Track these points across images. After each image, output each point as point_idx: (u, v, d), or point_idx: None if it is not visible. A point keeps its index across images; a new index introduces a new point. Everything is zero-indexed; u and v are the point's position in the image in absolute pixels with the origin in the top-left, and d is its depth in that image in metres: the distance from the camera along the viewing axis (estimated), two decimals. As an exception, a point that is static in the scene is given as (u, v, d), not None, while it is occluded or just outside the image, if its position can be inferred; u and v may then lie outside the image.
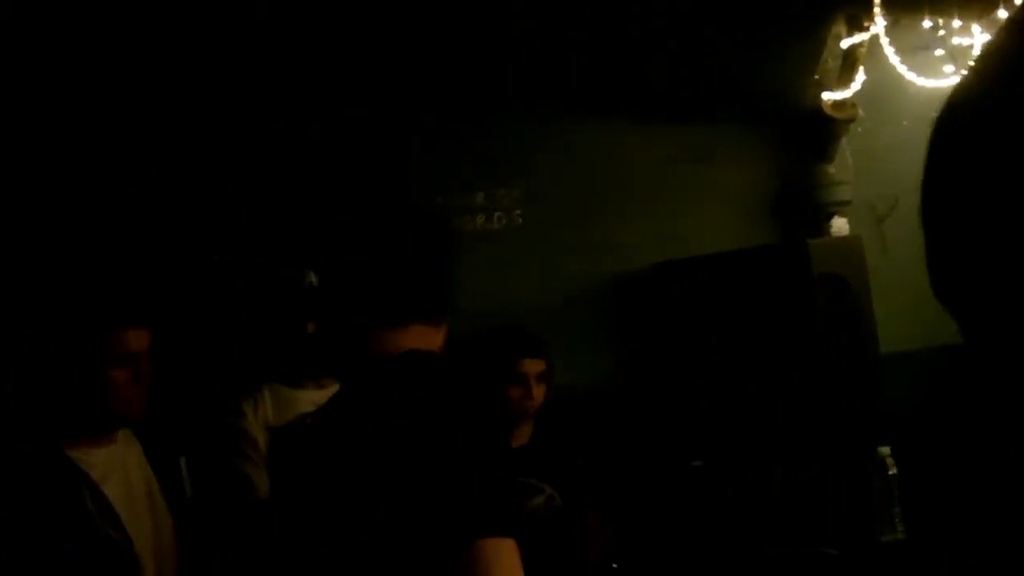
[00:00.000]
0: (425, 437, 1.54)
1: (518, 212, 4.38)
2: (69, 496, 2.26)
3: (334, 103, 4.17)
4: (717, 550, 3.57)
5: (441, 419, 1.57)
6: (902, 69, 3.96)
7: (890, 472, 3.35)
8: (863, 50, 4.20)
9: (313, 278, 3.10)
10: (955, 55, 3.86)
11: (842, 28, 4.24)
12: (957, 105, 0.75)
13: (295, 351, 3.14)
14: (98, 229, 3.79)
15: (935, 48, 3.94)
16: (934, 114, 0.76)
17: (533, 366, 3.30)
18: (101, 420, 2.40)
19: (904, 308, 4.15)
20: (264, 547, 1.70)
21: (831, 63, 4.32)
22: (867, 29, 4.11)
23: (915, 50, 4.01)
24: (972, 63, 0.77)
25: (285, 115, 4.13)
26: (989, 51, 0.76)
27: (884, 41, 3.96)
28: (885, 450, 3.40)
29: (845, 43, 4.24)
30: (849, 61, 4.26)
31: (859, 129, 4.39)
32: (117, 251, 3.70)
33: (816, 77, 4.36)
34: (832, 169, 4.45)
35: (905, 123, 4.04)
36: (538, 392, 3.29)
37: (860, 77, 4.25)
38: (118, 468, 2.43)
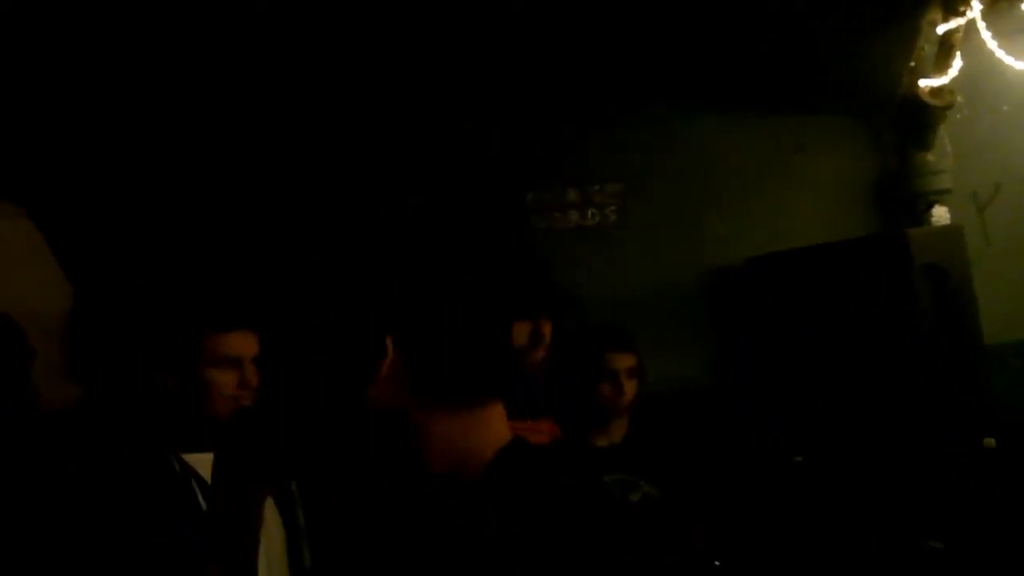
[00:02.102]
0: None
1: (612, 208, 4.39)
2: (181, 493, 2.24)
3: (427, 100, 4.24)
4: (820, 545, 3.55)
5: None
6: (1000, 54, 3.89)
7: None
8: (959, 35, 4.12)
9: None
10: (1053, 38, 3.78)
11: (937, 14, 4.17)
12: None
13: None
14: (205, 232, 3.87)
15: (1033, 32, 3.87)
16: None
17: (623, 361, 3.29)
18: (206, 424, 2.35)
19: (1008, 298, 4.08)
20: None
21: (927, 49, 4.25)
22: (963, 14, 4.03)
23: (1012, 34, 3.93)
24: None
25: (373, 111, 4.20)
26: None
27: (981, 26, 3.90)
28: (990, 441, 3.36)
29: (941, 29, 4.16)
30: (945, 47, 4.18)
31: (958, 116, 4.31)
32: (222, 254, 3.76)
33: (912, 64, 4.29)
34: (931, 157, 4.37)
35: (1005, 109, 3.96)
36: (629, 387, 3.28)
37: (957, 63, 4.16)
38: None
